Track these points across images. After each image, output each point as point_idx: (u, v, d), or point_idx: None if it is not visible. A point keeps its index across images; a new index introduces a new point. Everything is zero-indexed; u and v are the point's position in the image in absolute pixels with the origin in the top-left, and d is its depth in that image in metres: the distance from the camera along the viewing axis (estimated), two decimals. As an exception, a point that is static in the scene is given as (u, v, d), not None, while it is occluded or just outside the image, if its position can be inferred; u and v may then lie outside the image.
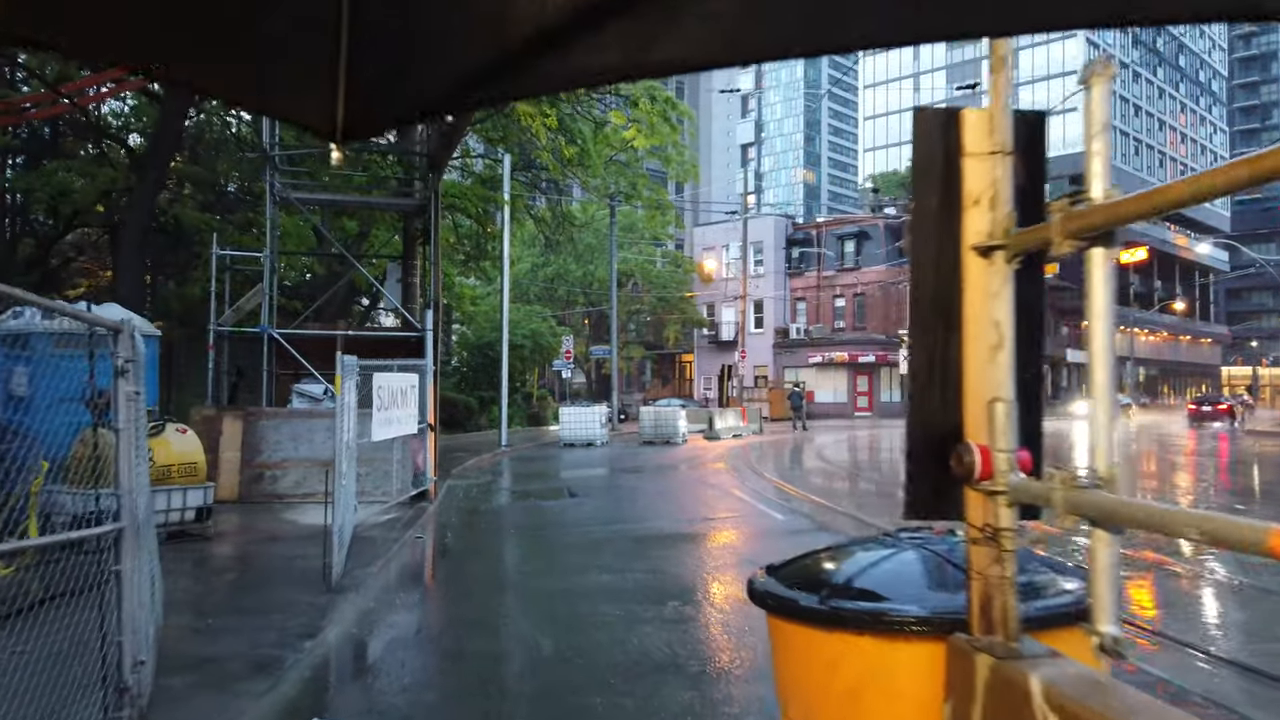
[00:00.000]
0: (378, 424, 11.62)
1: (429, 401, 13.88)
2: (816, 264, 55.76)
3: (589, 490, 15.79)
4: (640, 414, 29.47)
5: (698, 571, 8.55)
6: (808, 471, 19.45)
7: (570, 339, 40.09)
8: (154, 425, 9.81)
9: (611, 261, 36.85)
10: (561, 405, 36.29)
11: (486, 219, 27.49)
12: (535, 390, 39.75)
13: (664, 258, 57.36)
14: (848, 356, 52.48)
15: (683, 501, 14.06)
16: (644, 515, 12.45)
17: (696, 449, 25.98)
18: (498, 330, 27.94)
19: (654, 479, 17.82)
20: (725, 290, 55.98)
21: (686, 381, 61.23)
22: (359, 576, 8.40)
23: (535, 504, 14.32)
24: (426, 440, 13.98)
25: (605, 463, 22.20)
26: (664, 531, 11.02)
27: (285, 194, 14.55)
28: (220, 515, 12.01)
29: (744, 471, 18.68)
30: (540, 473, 19.75)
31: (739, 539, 10.33)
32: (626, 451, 25.26)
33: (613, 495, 15.00)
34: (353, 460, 10.50)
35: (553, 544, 10.44)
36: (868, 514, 12.16)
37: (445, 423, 30.41)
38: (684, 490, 15.81)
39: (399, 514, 12.65)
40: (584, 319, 55.30)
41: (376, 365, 11.71)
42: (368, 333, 14.81)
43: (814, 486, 15.97)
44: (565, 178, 30.94)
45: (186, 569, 8.67)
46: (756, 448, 25.98)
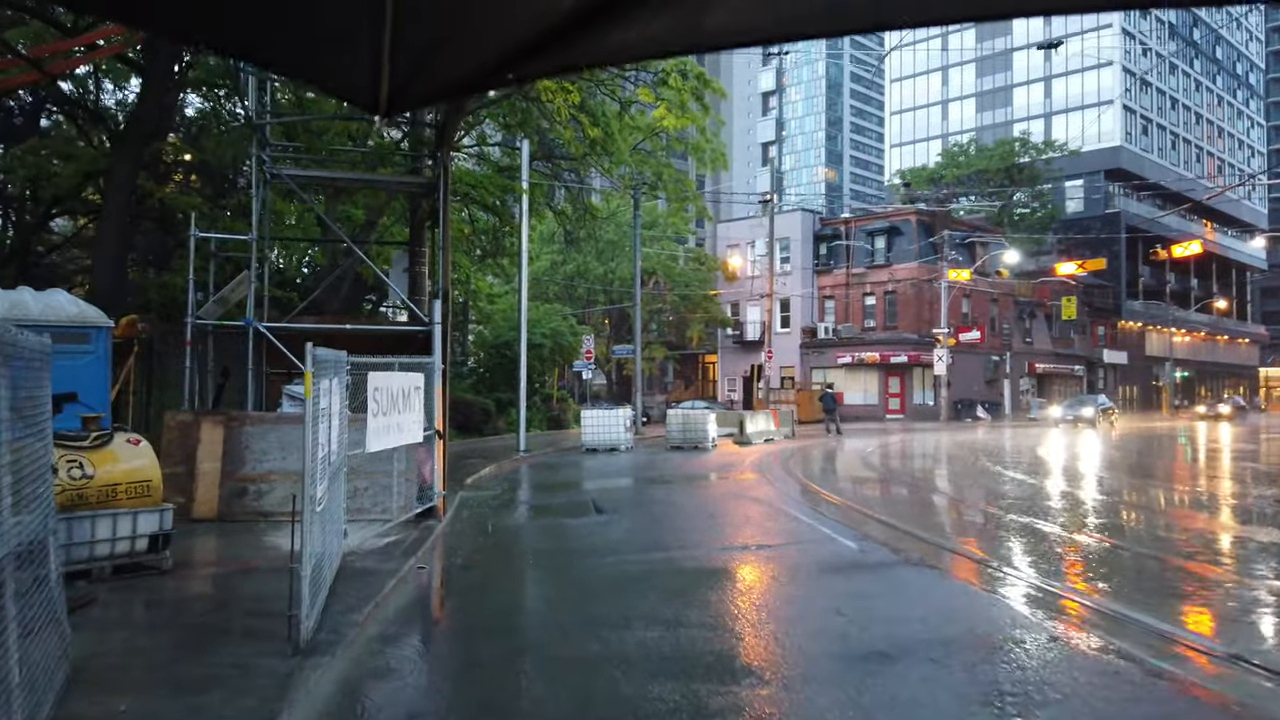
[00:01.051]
0: (374, 431, 9.86)
1: (437, 405, 12.13)
2: (845, 260, 53.73)
3: (618, 505, 13.98)
4: (667, 417, 27.64)
5: (775, 625, 6.72)
6: (860, 483, 17.55)
7: (591, 339, 38.32)
8: (99, 435, 8.08)
9: (635, 255, 35.06)
10: (582, 408, 34.54)
11: (504, 210, 25.81)
12: (555, 392, 38.01)
13: (687, 255, 55.49)
14: (879, 357, 50.44)
15: (729, 520, 12.21)
16: (687, 539, 10.62)
17: (729, 455, 24.13)
18: (516, 329, 26.21)
19: (689, 491, 16.00)
20: (751, 288, 54.05)
21: (710, 383, 59.34)
22: (340, 627, 6.63)
23: (558, 523, 12.52)
24: (434, 449, 12.23)
25: (632, 471, 20.40)
26: (715, 562, 9.20)
27: (275, 170, 12.83)
28: (192, 538, 10.30)
29: (788, 483, 16.83)
30: (562, 483, 17.98)
31: (813, 575, 8.48)
32: (654, 458, 23.45)
33: (646, 512, 13.19)
34: (339, 478, 8.74)
35: (581, 580, 8.62)
36: (952, 540, 10.29)
37: (461, 427, 28.71)
38: (726, 506, 13.97)
39: (401, 536, 10.90)
40: (604, 319, 53.57)
41: (372, 362, 9.96)
42: (368, 327, 13.07)
43: (874, 502, 14.11)
44: (586, 168, 29.24)
45: (122, 617, 6.93)
46: (793, 454, 24.09)
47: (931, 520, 12.35)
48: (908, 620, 6.62)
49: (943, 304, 46.76)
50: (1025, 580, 8.05)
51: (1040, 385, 61.05)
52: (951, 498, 14.76)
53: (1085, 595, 7.58)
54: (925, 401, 51.09)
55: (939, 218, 52.23)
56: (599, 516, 12.68)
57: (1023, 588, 7.79)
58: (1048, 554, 9.59)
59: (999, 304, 55.81)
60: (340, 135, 15.69)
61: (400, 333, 13.35)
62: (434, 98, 2.08)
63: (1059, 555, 9.59)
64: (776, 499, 14.41)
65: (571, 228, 31.68)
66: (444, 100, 8.17)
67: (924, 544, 10.09)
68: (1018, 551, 9.74)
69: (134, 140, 14.09)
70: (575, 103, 18.89)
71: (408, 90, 1.68)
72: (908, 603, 7.23)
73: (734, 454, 24.62)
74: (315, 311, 16.61)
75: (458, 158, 26.18)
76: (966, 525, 11.50)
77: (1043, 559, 9.23)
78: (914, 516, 12.74)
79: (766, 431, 30.91)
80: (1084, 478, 18.53)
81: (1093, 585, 8.06)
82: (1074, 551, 9.83)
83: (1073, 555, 9.63)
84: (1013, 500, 14.48)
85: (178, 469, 11.69)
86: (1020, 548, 9.96)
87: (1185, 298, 78.50)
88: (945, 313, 46.64)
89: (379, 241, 16.98)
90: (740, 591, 7.90)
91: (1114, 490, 16.43)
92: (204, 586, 8.01)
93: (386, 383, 10.18)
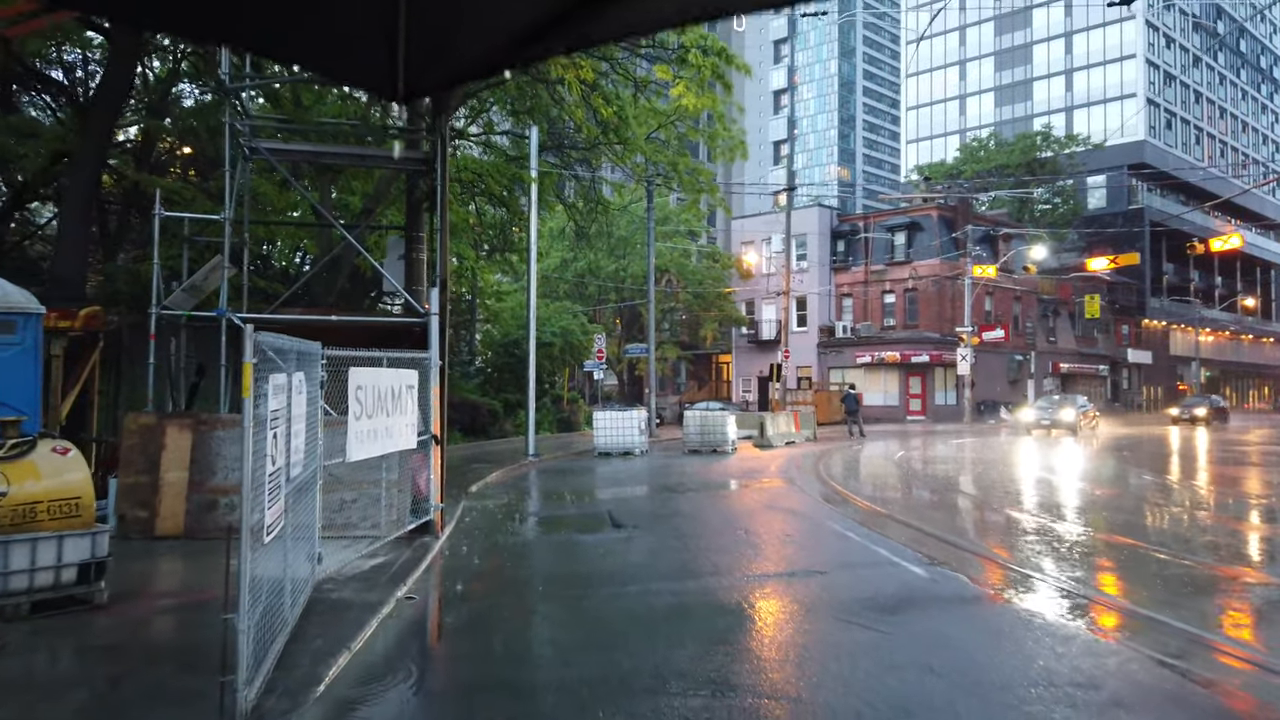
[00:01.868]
0: (356, 437, 8.45)
1: (434, 406, 10.70)
2: (864, 257, 52.13)
3: (637, 518, 12.52)
4: (684, 419, 26.15)
5: (855, 690, 5.23)
6: (902, 492, 16.01)
7: (603, 338, 36.88)
8: (18, 443, 6.67)
9: (649, 249, 33.61)
10: (594, 409, 33.11)
11: (512, 201, 24.42)
12: (566, 393, 36.58)
13: (700, 253, 53.98)
14: (899, 356, 48.81)
15: (766, 538, 10.73)
16: (720, 562, 9.15)
17: (750, 460, 22.65)
18: (524, 328, 24.76)
19: (714, 501, 14.53)
20: (767, 286, 52.51)
21: (724, 383, 57.81)
22: (298, 688, 5.19)
23: (571, 539, 11.07)
24: (431, 456, 10.80)
25: (649, 477, 18.94)
26: (760, 594, 7.73)
27: (253, 143, 11.42)
28: (149, 561, 8.90)
29: (822, 491, 15.34)
30: (575, 491, 16.54)
31: (884, 613, 6.98)
32: (671, 463, 21.98)
33: (669, 526, 11.72)
34: (308, 493, 7.33)
35: (601, 617, 7.16)
36: (1036, 565, 8.79)
37: (466, 429, 27.33)
38: (759, 519, 12.48)
39: (391, 556, 9.47)
40: (616, 318, 52.13)
41: (355, 356, 8.54)
42: (358, 318, 11.63)
43: (926, 515, 12.60)
44: (598, 159, 27.84)
45: (25, 674, 5.50)
46: (819, 459, 22.59)
47: (1001, 539, 10.84)
48: (1025, 681, 5.15)
49: (966, 301, 45.16)
50: (1165, 624, 6.53)
51: (1064, 385, 59.31)
52: (1010, 510, 13.24)
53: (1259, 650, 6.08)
54: (947, 402, 49.48)
55: (961, 212, 50.59)
56: (617, 532, 11.23)
57: (1161, 634, 6.29)
58: (1173, 586, 8.08)
59: (1022, 302, 54.14)
60: (333, 106, 14.29)
61: (394, 325, 11.93)
62: (452, 81, 1.94)
63: (1184, 586, 8.07)
64: (814, 510, 12.92)
65: (582, 221, 30.28)
66: (462, 83, 7.36)
67: (1003, 569, 8.59)
68: (1131, 582, 8.24)
69: (100, 113, 12.71)
70: (588, 80, 17.49)
71: (425, 75, 1.69)
72: (1016, 655, 5.75)
73: (756, 458, 23.14)
74: (309, 305, 15.20)
75: (463, 145, 24.81)
76: (1044, 546, 10.00)
77: (1174, 595, 7.69)
78: (978, 533, 11.21)
79: (787, 434, 29.42)
80: (1140, 479, 17.00)
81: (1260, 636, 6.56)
82: (1210, 584, 8.31)
83: (1209, 589, 8.10)
84: (1090, 512, 12.97)
85: (139, 479, 10.30)
86: (1134, 578, 8.45)
87: (1210, 296, 76.56)
88: (969, 310, 45.02)
89: (371, 226, 15.54)
90: (799, 637, 6.43)
91: (1215, 494, 14.88)
92: (141, 628, 6.58)
93: (372, 380, 8.76)
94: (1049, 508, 13.44)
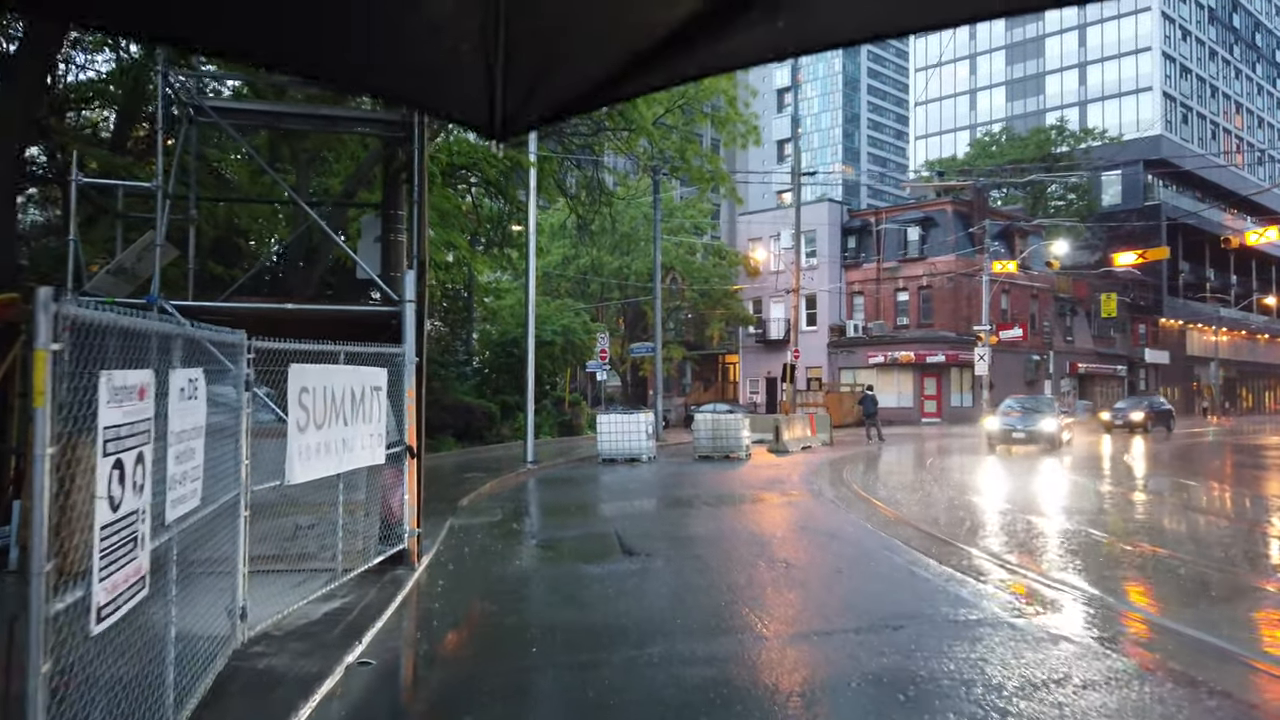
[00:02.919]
0: (300, 454, 6.63)
1: (408, 411, 8.86)
2: (876, 254, 50.27)
3: (651, 541, 10.67)
4: (694, 422, 24.29)
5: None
6: (954, 508, 14.14)
7: (606, 337, 35.04)
8: None
9: (655, 243, 31.78)
10: (597, 412, 31.28)
11: (509, 188, 22.59)
12: (567, 395, 34.73)
13: (706, 250, 52.14)
14: (914, 356, 46.93)
15: (811, 572, 8.87)
16: (761, 608, 7.30)
17: (768, 467, 20.81)
18: (523, 325, 22.92)
19: (739, 519, 12.68)
20: (776, 283, 50.68)
21: (730, 385, 55.94)
22: None
23: (574, 572, 9.19)
24: (405, 471, 8.96)
25: (659, 488, 17.10)
26: (824, 662, 5.89)
27: (196, 100, 9.59)
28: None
29: (861, 507, 13.49)
30: (577, 506, 14.71)
31: (1018, 697, 5.11)
32: (682, 471, 20.15)
33: (690, 553, 9.86)
34: (230, 531, 5.52)
35: (616, 705, 5.29)
36: (1179, 615, 6.93)
37: (461, 433, 25.47)
38: (797, 545, 10.62)
39: (351, 598, 7.64)
40: (619, 318, 50.32)
41: (296, 350, 6.71)
42: (319, 306, 9.78)
43: (1000, 540, 10.75)
44: (601, 146, 26.01)
45: None
46: (843, 466, 20.74)
47: (1139, 578, 8.94)
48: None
49: (984, 298, 43.25)
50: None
51: (1082, 386, 57.48)
52: (1118, 537, 11.37)
53: None
54: (963, 404, 47.61)
55: (977, 207, 48.74)
56: (629, 561, 9.38)
57: None
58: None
59: (1039, 300, 52.26)
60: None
61: (364, 316, 10.09)
62: (546, 119, 1.92)
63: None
64: (857, 533, 11.07)
65: (584, 213, 28.46)
66: (556, 120, 7.07)
67: (1150, 627, 6.73)
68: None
69: (25, 71, 10.89)
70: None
71: (521, 113, 1.72)
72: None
73: (773, 465, 21.29)
74: (265, 290, 13.35)
75: (454, 128, 23.00)
76: (1198, 588, 8.13)
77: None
78: (1097, 570, 9.21)
79: (803, 438, 27.58)
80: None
81: None
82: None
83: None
84: (1199, 538, 11.12)
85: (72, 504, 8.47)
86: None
87: (1225, 295, 74.66)
88: (987, 308, 43.12)
89: (345, 204, 13.68)
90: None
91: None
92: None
93: (322, 381, 6.93)
94: (1152, 530, 11.59)
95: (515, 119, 1.69)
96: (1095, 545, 10.33)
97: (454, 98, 1.73)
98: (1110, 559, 9.60)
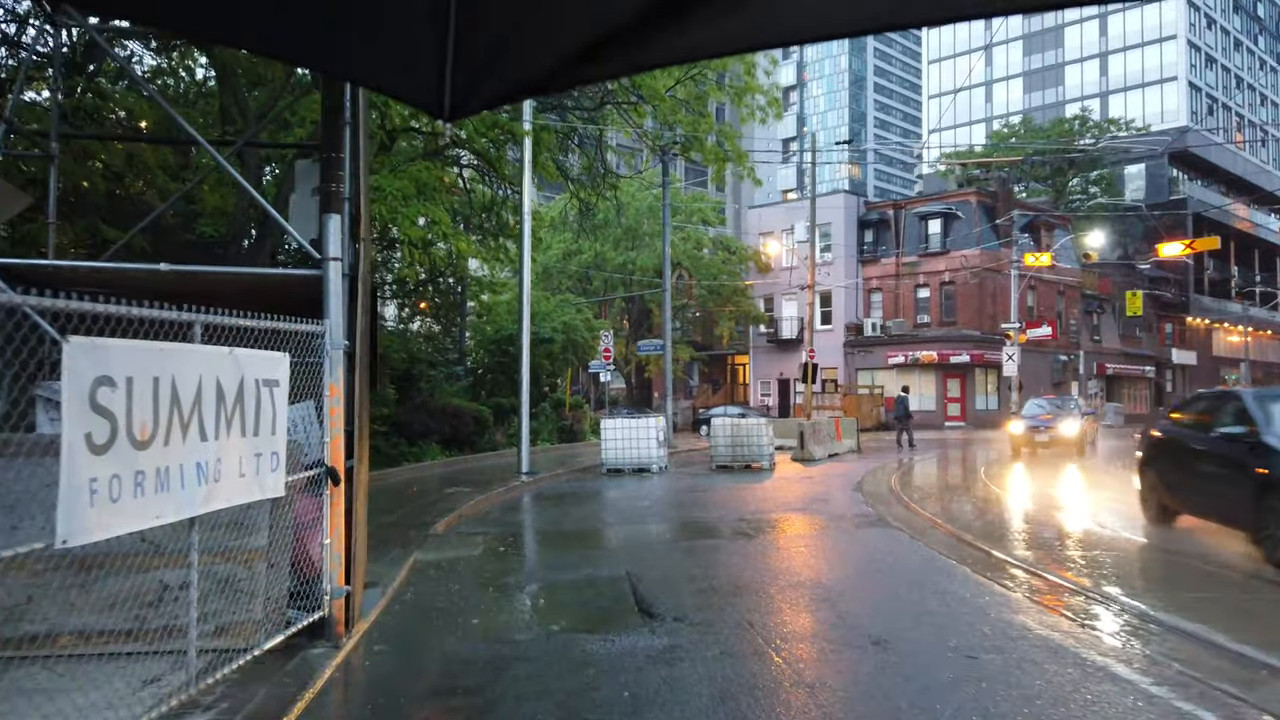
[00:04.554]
0: (97, 492, 3.83)
1: (328, 416, 6.10)
2: (895, 248, 47.45)
3: (677, 594, 7.90)
4: (712, 429, 21.49)
5: None
6: (1065, 538, 11.36)
7: (609, 335, 32.27)
8: None
9: (665, 231, 29.01)
10: (601, 416, 28.56)
11: (501, 161, 19.86)
12: (568, 397, 31.92)
13: (714, 245, 49.35)
14: (936, 356, 44.07)
15: (932, 661, 6.02)
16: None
17: (800, 480, 18.04)
18: (518, 319, 20.15)
19: (791, 559, 9.90)
20: (790, 279, 47.90)
21: (740, 386, 53.11)
22: None
23: (574, 654, 6.31)
24: (327, 506, 6.19)
25: (677, 507, 14.33)
26: None
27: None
28: None
29: (938, 537, 10.73)
30: (578, 533, 11.95)
31: None
32: (700, 485, 17.39)
33: (736, 618, 7.03)
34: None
35: None
36: None
37: (449, 441, 22.70)
38: (885, 604, 7.79)
39: (222, 710, 4.89)
40: (623, 318, 47.55)
41: (94, 312, 3.96)
42: (207, 269, 6.93)
43: (1174, 599, 7.99)
44: (604, 120, 23.26)
45: None
46: (888, 478, 17.94)
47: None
48: None
49: (1012, 294, 40.45)
50: None
51: (1109, 388, 54.62)
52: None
53: None
54: (988, 407, 44.77)
55: (1003, 199, 45.96)
56: (649, 630, 6.62)
57: None
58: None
59: (1065, 297, 49.45)
60: None
61: (260, 280, 7.30)
62: (495, 101, 1.93)
63: None
64: (955, 579, 8.28)
65: (586, 196, 25.76)
66: (507, 102, 6.10)
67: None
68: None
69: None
70: None
71: (470, 96, 1.69)
72: None
73: (804, 478, 18.52)
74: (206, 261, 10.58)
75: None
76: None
77: None
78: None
79: (830, 445, 24.83)
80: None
81: None
82: None
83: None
84: None
85: None
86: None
87: (1250, 293, 71.73)
88: (1015, 304, 40.31)
89: (251, 143, 10.80)
90: None
91: None
92: None
93: (148, 368, 4.15)
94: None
95: (464, 100, 1.64)
96: None
97: (405, 82, 1.71)
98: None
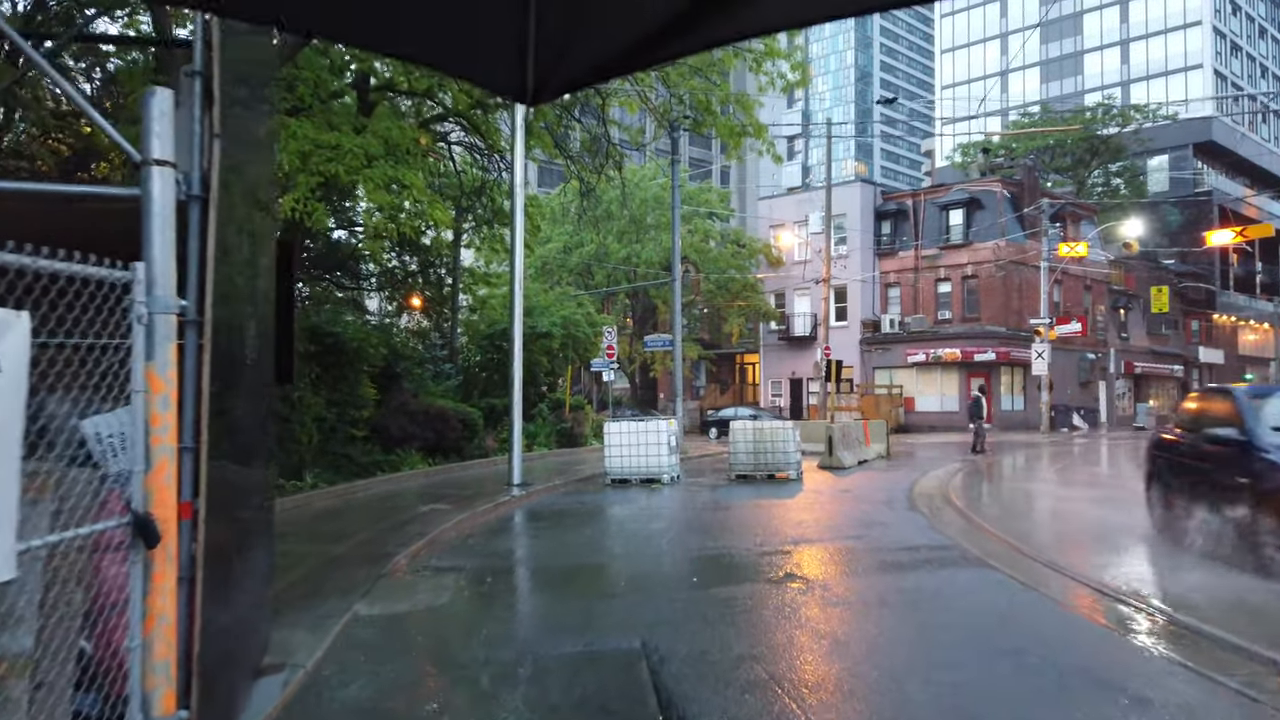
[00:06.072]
0: None
1: (153, 430, 3.61)
2: (914, 240, 44.90)
3: (716, 684, 5.39)
4: (731, 432, 18.91)
5: None
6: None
7: (613, 331, 29.77)
8: None
9: (675, 216, 26.48)
10: (604, 418, 26.05)
11: (491, 128, 17.40)
12: (568, 397, 29.39)
13: (722, 238, 46.86)
14: (960, 354, 41.52)
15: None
16: None
17: (836, 494, 15.52)
18: (510, 311, 17.64)
19: (861, 620, 7.38)
20: (803, 274, 45.37)
21: (750, 386, 50.57)
22: None
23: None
24: (138, 581, 3.67)
25: (698, 534, 11.80)
26: None
27: None
28: None
29: (1047, 578, 8.22)
30: (576, 575, 9.42)
31: None
32: (720, 500, 14.88)
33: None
34: None
35: None
36: None
37: (432, 447, 20.15)
38: (1038, 708, 5.31)
39: None
40: (626, 316, 45.08)
41: None
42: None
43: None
44: (607, 94, 20.79)
45: None
46: (938, 489, 15.41)
47: None
48: None
49: (1042, 288, 37.91)
50: None
51: (1137, 388, 52.06)
52: None
53: None
54: (1014, 407, 42.27)
55: (1029, 188, 43.44)
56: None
57: None
58: None
59: (1092, 292, 46.88)
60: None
61: (81, 207, 4.74)
62: (571, 85, 1.99)
63: None
64: (1136, 673, 5.81)
65: (587, 176, 23.32)
66: (585, 85, 6.01)
67: None
68: None
69: None
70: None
71: (550, 79, 1.74)
72: None
73: (840, 490, 16.01)
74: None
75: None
76: None
77: None
78: None
79: (859, 451, 22.34)
80: None
81: None
82: None
83: None
84: None
85: None
86: None
87: (1274, 290, 69.12)
88: (1045, 299, 37.78)
89: (83, 36, 8.19)
90: None
91: None
92: None
93: None
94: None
95: (545, 85, 1.68)
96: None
97: (489, 68, 1.78)
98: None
